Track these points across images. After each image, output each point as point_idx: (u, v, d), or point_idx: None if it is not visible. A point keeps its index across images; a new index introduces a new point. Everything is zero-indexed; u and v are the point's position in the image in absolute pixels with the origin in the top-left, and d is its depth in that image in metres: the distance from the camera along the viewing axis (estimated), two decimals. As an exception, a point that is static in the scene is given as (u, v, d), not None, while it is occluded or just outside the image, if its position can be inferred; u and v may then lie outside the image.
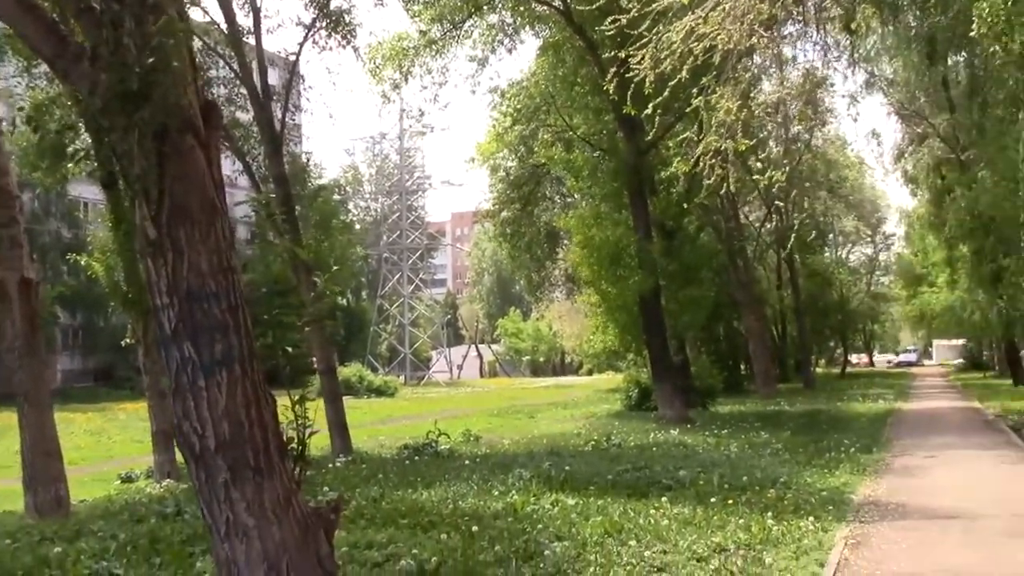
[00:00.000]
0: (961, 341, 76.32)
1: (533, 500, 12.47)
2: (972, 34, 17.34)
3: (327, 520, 5.65)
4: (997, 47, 16.87)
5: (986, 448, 18.73)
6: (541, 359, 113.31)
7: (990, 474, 15.20)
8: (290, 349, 6.04)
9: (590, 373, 78.68)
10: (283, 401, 5.90)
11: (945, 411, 30.76)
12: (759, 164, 20.58)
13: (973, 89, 30.09)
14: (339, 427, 20.38)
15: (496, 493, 13.20)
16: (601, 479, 13.96)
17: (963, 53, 29.87)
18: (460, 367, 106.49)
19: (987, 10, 15.58)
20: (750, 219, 51.43)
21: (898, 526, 11.03)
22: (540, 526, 10.67)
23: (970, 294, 41.64)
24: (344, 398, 23.35)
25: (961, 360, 79.78)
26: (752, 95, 18.55)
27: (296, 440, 5.78)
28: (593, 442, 20.07)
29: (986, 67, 25.97)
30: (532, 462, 16.23)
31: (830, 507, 11.99)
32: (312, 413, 6.14)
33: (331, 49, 22.28)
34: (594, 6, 18.23)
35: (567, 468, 14.80)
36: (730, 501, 12.02)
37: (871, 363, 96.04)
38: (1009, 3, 15.39)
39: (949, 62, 32.65)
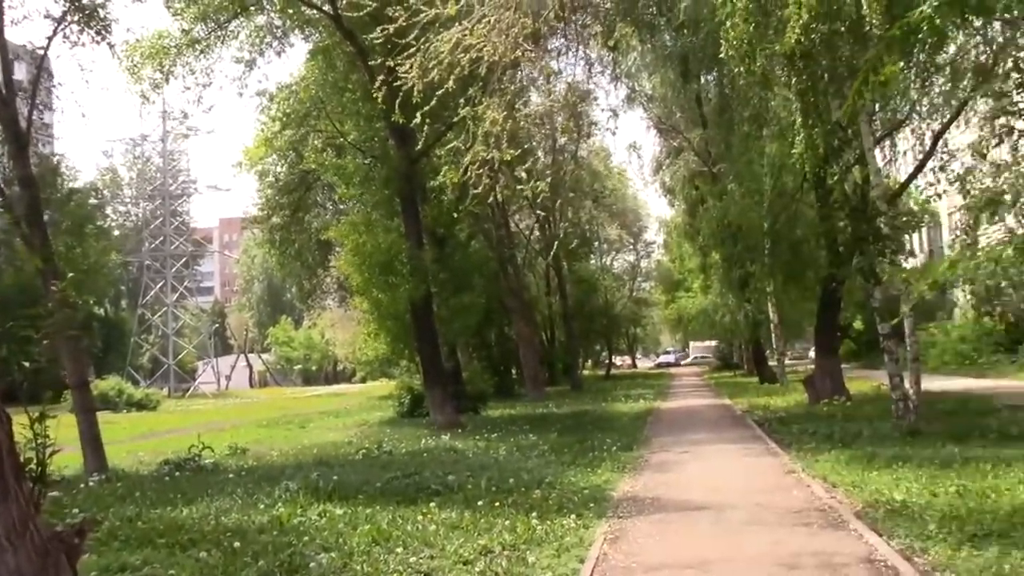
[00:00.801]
0: (714, 342, 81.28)
1: (300, 512, 12.25)
2: (721, 55, 18.61)
3: (70, 544, 5.33)
4: (742, 68, 18.13)
5: (734, 442, 20.01)
6: (313, 368, 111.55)
7: (737, 467, 16.26)
8: (28, 364, 5.66)
9: (363, 381, 78.13)
10: (22, 419, 5.53)
11: (699, 408, 32.66)
12: (525, 174, 21.13)
13: (723, 106, 32.12)
14: (93, 444, 19.19)
15: (262, 507, 12.88)
16: (370, 487, 13.91)
17: (714, 72, 31.90)
18: (228, 378, 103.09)
19: (732, 34, 16.77)
20: (520, 227, 52.77)
21: (654, 519, 11.62)
22: (306, 538, 10.51)
23: (721, 298, 44.35)
24: (102, 413, 22.04)
25: (715, 360, 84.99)
26: (518, 107, 19.06)
27: (35, 460, 5.43)
28: (364, 450, 19.94)
29: (733, 86, 27.80)
30: (300, 473, 15.94)
31: (591, 505, 12.47)
32: (63, 431, 5.79)
33: (84, 45, 20.95)
34: (363, 12, 18.20)
35: (336, 478, 14.62)
36: (497, 503, 12.28)
37: (634, 365, 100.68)
38: (751, 28, 16.62)
39: (702, 80, 34.82)
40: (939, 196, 17.11)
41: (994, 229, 11.22)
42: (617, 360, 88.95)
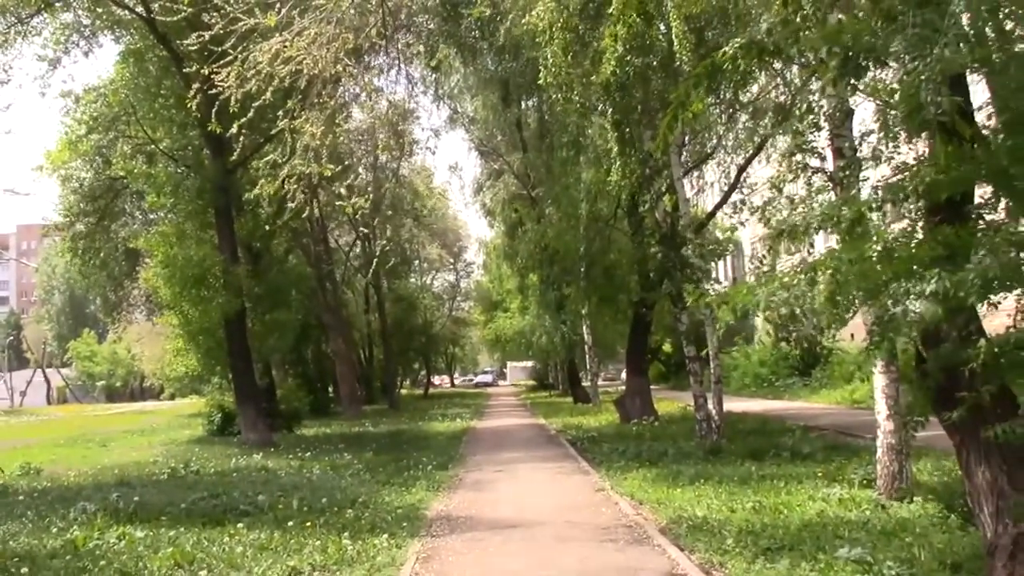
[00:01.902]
0: (531, 363, 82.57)
1: (97, 535, 11.60)
2: (540, 82, 19.03)
3: None
4: (560, 96, 18.59)
5: (547, 461, 20.38)
6: (118, 384, 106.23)
7: (549, 485, 16.56)
8: None
9: (172, 398, 74.87)
10: None
11: (515, 428, 33.10)
12: (345, 190, 20.92)
13: (542, 132, 32.82)
14: None
15: (55, 530, 12.14)
16: (175, 508, 13.37)
17: (534, 98, 32.54)
18: (24, 393, 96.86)
19: (551, 62, 17.19)
20: (339, 243, 52.12)
21: (466, 538, 11.67)
22: (103, 563, 9.99)
23: (538, 319, 45.11)
24: None
25: (532, 380, 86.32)
26: (339, 122, 18.86)
27: None
28: (169, 470, 19.14)
29: (552, 113, 28.43)
30: (99, 494, 15.11)
31: (405, 524, 12.43)
32: None
33: None
34: (178, 17, 17.61)
35: (137, 499, 13.96)
36: (308, 524, 12.04)
37: (453, 384, 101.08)
38: (569, 58, 17.09)
39: (523, 105, 35.44)
40: (742, 224, 18.07)
41: (789, 259, 11.88)
42: (435, 379, 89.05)
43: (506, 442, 26.46)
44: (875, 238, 6.97)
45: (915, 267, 6.13)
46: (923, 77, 5.45)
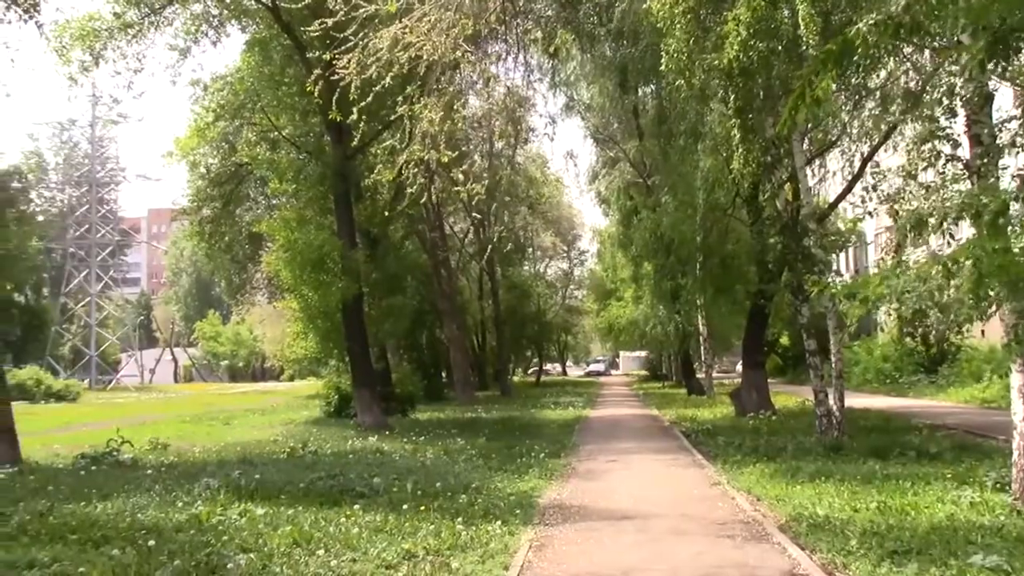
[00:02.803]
0: (644, 353, 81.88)
1: (220, 511, 11.93)
2: (661, 68, 18.72)
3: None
4: (681, 82, 18.24)
5: (661, 452, 20.12)
6: (240, 364, 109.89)
7: (663, 477, 16.33)
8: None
9: (291, 379, 77.15)
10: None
11: (627, 418, 32.86)
12: (462, 176, 21.00)
13: (660, 119, 32.32)
14: (6, 434, 18.57)
15: (180, 504, 12.53)
16: (294, 487, 13.66)
17: (652, 85, 32.10)
18: (152, 371, 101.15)
19: (673, 48, 16.88)
20: (455, 230, 52.60)
21: (579, 527, 11.58)
22: (225, 538, 10.25)
23: (652, 309, 44.64)
24: (18, 403, 21.30)
25: (644, 371, 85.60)
26: (456, 108, 18.92)
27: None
28: (289, 450, 19.60)
29: (671, 100, 27.98)
30: (222, 471, 15.58)
31: (518, 511, 12.40)
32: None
33: (10, 23, 20.26)
34: (302, 5, 17.92)
35: (258, 476, 14.32)
36: (422, 507, 12.15)
37: (564, 372, 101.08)
38: (691, 43, 16.75)
39: (640, 92, 35.01)
40: (870, 215, 17.43)
41: (919, 251, 11.40)
42: (548, 367, 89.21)
43: (619, 432, 26.27)
44: (1019, 229, 6.60)
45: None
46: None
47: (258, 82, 28.66)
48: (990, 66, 7.15)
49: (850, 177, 26.00)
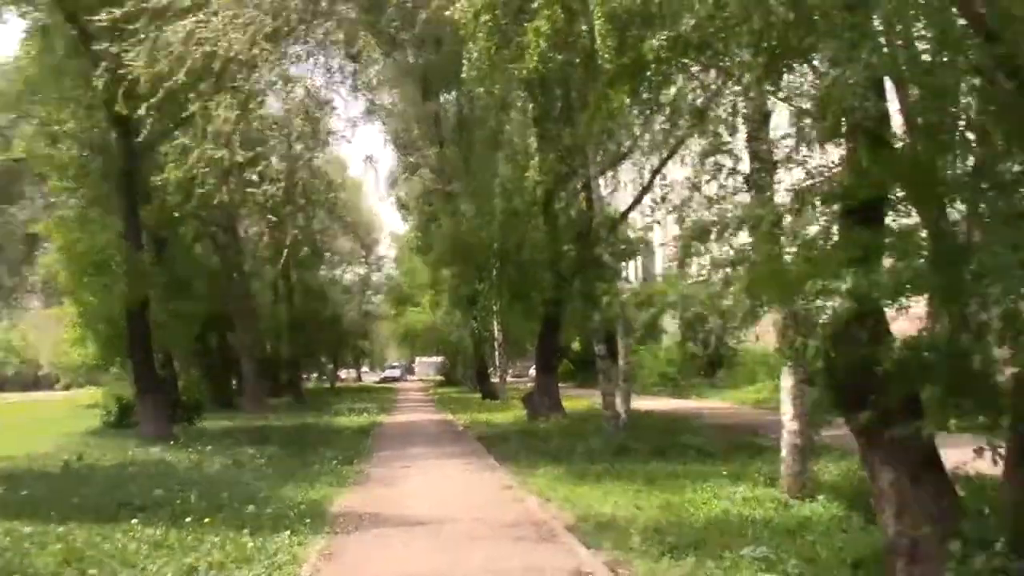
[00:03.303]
0: (440, 358, 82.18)
1: (-20, 531, 11.04)
2: (462, 76, 18.79)
3: None
4: (482, 90, 18.38)
5: (455, 457, 20.25)
6: (11, 372, 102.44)
7: (457, 481, 16.43)
8: None
9: (67, 388, 72.57)
10: None
11: (422, 423, 32.88)
12: (257, 178, 20.41)
13: (461, 126, 32.59)
14: None
15: (-65, 525, 11.52)
16: (66, 503, 12.79)
17: (454, 92, 32.29)
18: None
19: (475, 56, 16.98)
20: (248, 232, 51.04)
21: (372, 534, 11.49)
22: (-14, 559, 9.49)
23: (449, 315, 44.93)
24: None
25: (440, 376, 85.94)
26: (253, 107, 18.39)
27: None
28: (62, 463, 18.38)
29: (472, 107, 28.24)
30: (-17, 488, 14.43)
31: (308, 520, 12.12)
32: None
33: None
34: (87, -8, 16.97)
35: (26, 493, 13.37)
36: (207, 520, 11.65)
37: (360, 378, 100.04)
38: (492, 51, 16.90)
39: (441, 99, 35.15)
40: (658, 223, 18.15)
41: (702, 259, 11.93)
42: (343, 374, 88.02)
43: (413, 437, 26.23)
44: (790, 239, 7.03)
45: (830, 268, 6.17)
46: (851, 81, 5.46)
47: (38, 72, 26.76)
48: (768, 86, 7.59)
49: (640, 188, 27.10)
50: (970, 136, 6.51)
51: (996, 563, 6.11)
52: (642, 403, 28.55)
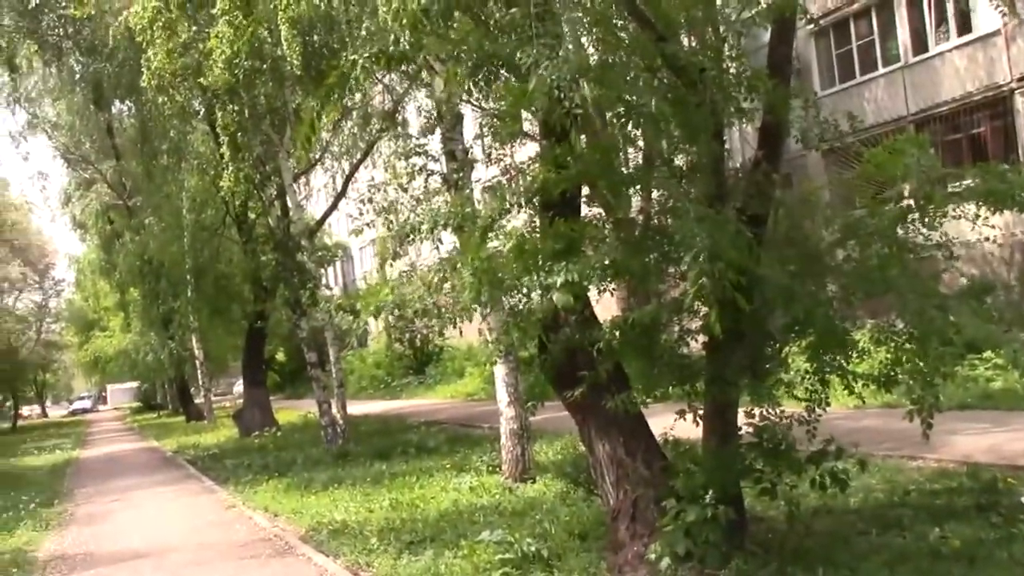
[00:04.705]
0: (136, 384, 77.57)
1: None
2: (141, 84, 17.87)
3: None
4: (164, 99, 17.56)
5: (167, 484, 19.29)
6: None
7: (174, 509, 15.68)
8: None
9: None
10: None
11: (125, 454, 30.93)
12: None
13: (141, 137, 30.80)
14: None
15: None
16: None
17: (131, 101, 30.49)
18: None
19: (155, 64, 16.23)
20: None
21: (91, 576, 10.79)
22: None
23: (143, 337, 42.60)
24: None
25: (137, 402, 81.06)
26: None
27: None
28: None
29: (153, 117, 26.82)
30: None
31: (15, 570, 11.21)
32: None
33: None
34: None
35: None
36: None
37: (45, 414, 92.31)
38: (173, 58, 16.23)
39: (116, 109, 33.10)
40: (369, 226, 18.08)
41: (404, 260, 12.20)
42: (24, 410, 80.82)
43: (118, 470, 24.63)
44: (504, 236, 7.38)
45: (542, 261, 6.56)
46: (553, 78, 5.84)
47: None
48: (461, 91, 7.93)
49: (336, 193, 27.10)
50: (649, 129, 7.12)
51: (707, 513, 6.78)
52: (357, 408, 28.61)
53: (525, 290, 6.71)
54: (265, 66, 16.05)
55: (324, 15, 15.92)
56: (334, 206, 26.84)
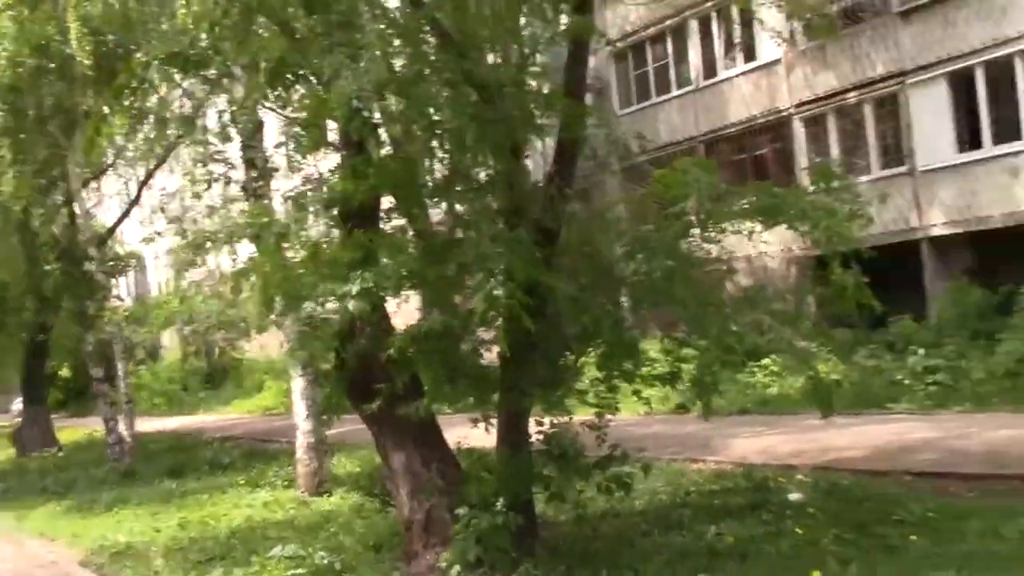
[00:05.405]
0: None
1: None
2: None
3: None
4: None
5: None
6: None
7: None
8: None
9: None
10: None
11: None
12: None
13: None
14: None
15: None
16: None
17: None
18: None
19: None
20: None
21: None
22: None
23: None
24: None
25: None
26: None
27: None
28: None
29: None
30: None
31: None
32: None
33: None
34: None
35: None
36: None
37: None
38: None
39: None
40: (159, 235, 17.30)
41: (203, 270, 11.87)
42: None
43: None
44: (298, 244, 7.32)
45: (338, 270, 6.55)
46: (353, 89, 5.84)
47: None
48: (262, 98, 7.82)
49: (129, 200, 25.88)
50: (448, 143, 7.23)
51: (498, 520, 6.92)
52: (148, 424, 27.40)
53: (321, 299, 6.65)
54: (53, 65, 15.19)
55: (119, 14, 15.28)
56: (126, 213, 25.61)
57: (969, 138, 17.85)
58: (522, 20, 7.60)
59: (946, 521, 7.53)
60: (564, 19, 7.62)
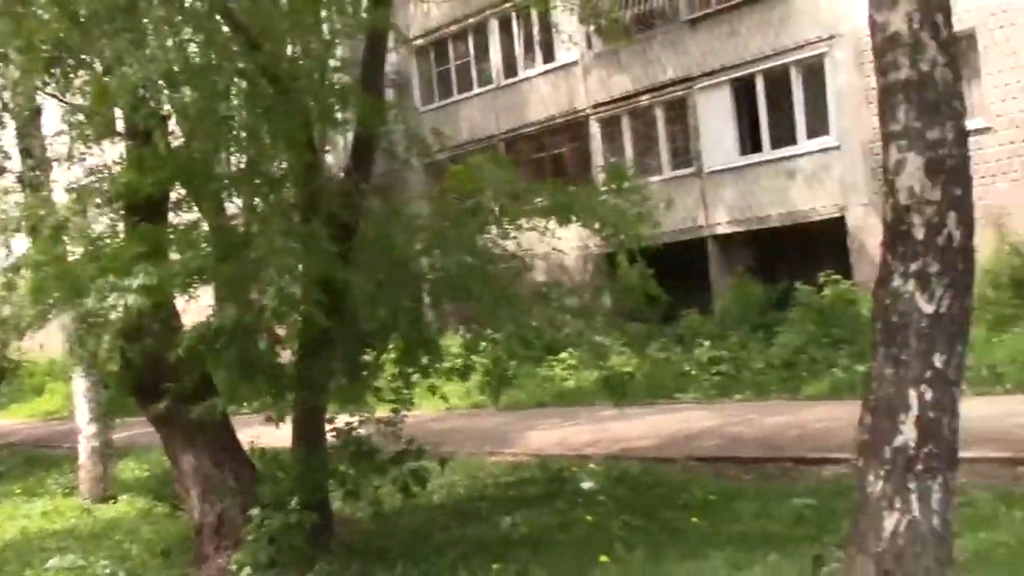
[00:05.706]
0: None
1: None
2: None
3: None
4: None
5: None
6: None
7: None
8: None
9: None
10: None
11: None
12: None
13: None
14: None
15: None
16: None
17: None
18: None
19: None
20: None
21: None
22: None
23: None
24: None
25: None
26: None
27: None
28: None
29: None
30: None
31: None
32: None
33: None
34: None
35: None
36: None
37: None
38: None
39: None
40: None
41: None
42: None
43: None
44: (76, 238, 6.95)
45: (121, 264, 6.24)
46: (138, 77, 5.58)
47: None
48: (39, 82, 7.38)
49: None
50: (242, 136, 7.03)
51: (292, 519, 6.78)
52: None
53: (100, 295, 6.28)
54: None
55: None
56: None
57: (750, 142, 18.88)
58: (323, 13, 7.47)
59: (725, 503, 7.96)
60: (364, 14, 7.55)
